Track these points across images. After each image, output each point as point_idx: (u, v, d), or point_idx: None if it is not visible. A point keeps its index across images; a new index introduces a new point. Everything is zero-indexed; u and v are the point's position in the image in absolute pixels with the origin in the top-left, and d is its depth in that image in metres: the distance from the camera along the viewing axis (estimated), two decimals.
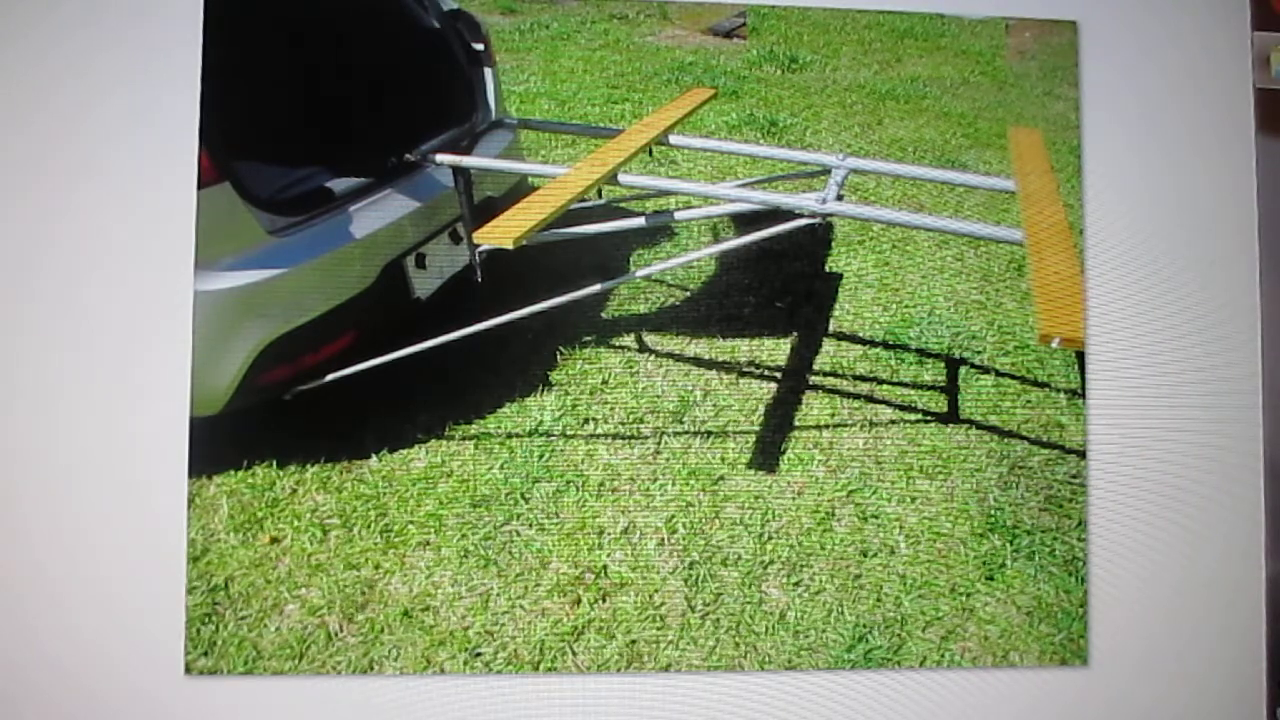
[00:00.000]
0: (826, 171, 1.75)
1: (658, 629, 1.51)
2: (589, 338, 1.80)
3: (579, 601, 1.52)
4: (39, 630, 1.37)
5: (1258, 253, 1.56)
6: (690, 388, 1.75)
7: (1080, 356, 1.57)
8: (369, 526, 1.57)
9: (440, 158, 1.75)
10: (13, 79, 1.42)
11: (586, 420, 1.71)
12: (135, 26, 1.44)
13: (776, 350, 1.80)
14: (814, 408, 1.74)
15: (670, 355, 1.79)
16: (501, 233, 1.49)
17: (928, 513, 1.63)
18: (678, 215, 1.74)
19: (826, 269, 1.94)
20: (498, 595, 1.52)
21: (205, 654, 1.41)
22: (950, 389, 1.79)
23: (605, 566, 1.55)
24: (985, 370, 1.81)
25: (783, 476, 1.66)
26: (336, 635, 1.46)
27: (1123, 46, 1.59)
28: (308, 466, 1.62)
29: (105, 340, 1.41)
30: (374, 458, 1.65)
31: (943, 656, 1.51)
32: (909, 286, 1.90)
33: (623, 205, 1.92)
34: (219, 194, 1.48)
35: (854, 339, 1.84)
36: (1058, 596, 1.55)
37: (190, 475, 1.42)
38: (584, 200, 1.67)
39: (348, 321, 1.63)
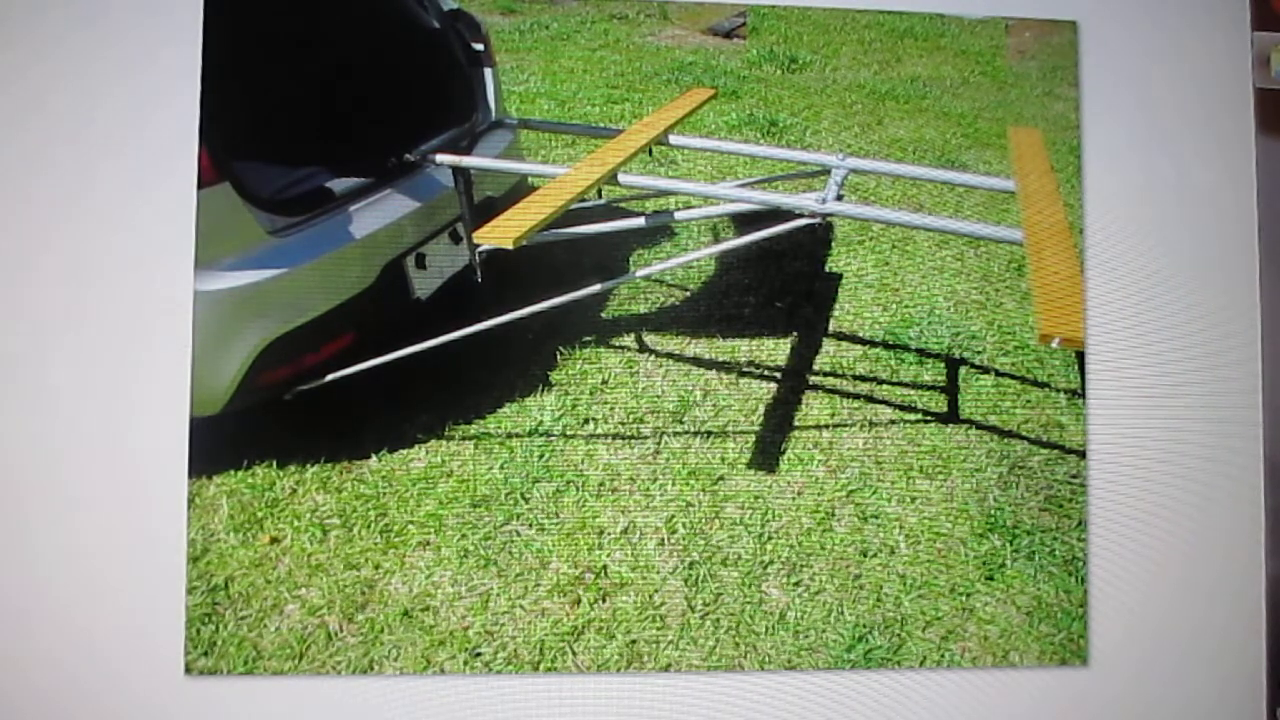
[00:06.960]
0: (826, 171, 1.74)
1: (658, 629, 1.51)
2: (589, 338, 1.80)
3: (579, 601, 1.52)
4: (39, 630, 1.37)
5: (1258, 253, 1.56)
6: (690, 388, 1.75)
7: (1080, 356, 1.57)
8: (369, 526, 1.57)
9: (440, 158, 1.75)
10: (13, 79, 1.42)
11: (586, 420, 1.71)
12: (135, 26, 1.44)
13: (776, 350, 1.80)
14: (814, 408, 1.74)
15: (670, 355, 1.79)
16: (501, 233, 1.49)
17: (928, 513, 1.62)
18: (678, 215, 1.74)
19: (826, 269, 1.94)
20: (498, 595, 1.52)
21: (205, 654, 1.41)
22: (950, 389, 1.79)
23: (605, 566, 1.55)
24: (985, 370, 1.81)
25: (783, 476, 1.66)
26: (336, 635, 1.46)
27: (1122, 46, 1.59)
28: (308, 466, 1.62)
29: (106, 340, 1.41)
30: (374, 458, 1.65)
31: (943, 656, 1.50)
32: (909, 286, 1.90)
33: (623, 205, 1.92)
34: (219, 194, 1.48)
35: (854, 339, 1.84)
36: (1058, 596, 1.55)
37: (190, 475, 1.42)
38: (584, 200, 1.67)
39: (348, 321, 1.63)
